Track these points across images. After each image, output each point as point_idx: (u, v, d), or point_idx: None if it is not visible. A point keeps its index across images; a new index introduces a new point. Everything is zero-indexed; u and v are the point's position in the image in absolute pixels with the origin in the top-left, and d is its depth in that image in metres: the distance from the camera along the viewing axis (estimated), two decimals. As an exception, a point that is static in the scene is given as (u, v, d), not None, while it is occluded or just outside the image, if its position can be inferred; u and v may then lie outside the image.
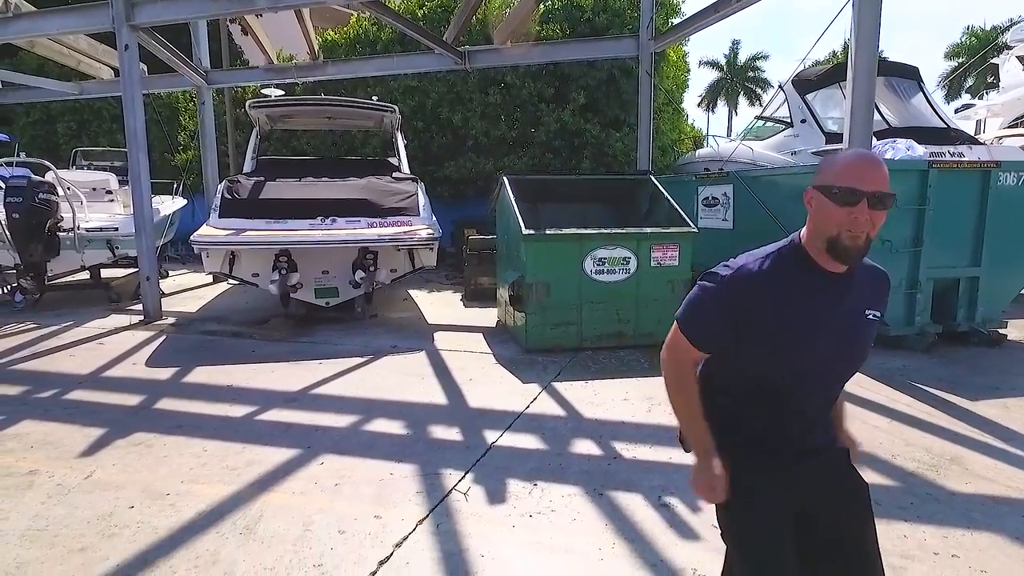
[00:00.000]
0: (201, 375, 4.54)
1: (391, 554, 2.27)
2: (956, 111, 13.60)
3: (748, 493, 1.36)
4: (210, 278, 8.91)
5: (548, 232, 4.96)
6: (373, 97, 8.52)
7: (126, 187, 8.11)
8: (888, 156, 5.25)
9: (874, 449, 3.14)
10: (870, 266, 1.42)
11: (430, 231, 5.75)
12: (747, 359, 1.36)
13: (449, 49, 7.90)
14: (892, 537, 2.35)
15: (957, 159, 5.11)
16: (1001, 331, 5.25)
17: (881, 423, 3.50)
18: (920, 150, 5.37)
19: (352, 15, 11.61)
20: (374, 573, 2.16)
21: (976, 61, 20.44)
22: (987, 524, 2.45)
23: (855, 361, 1.39)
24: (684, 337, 1.39)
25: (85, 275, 7.52)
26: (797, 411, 1.37)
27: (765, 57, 38.16)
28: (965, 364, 4.68)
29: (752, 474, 1.36)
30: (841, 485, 1.43)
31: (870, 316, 1.37)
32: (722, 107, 40.00)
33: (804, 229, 1.35)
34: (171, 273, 9.58)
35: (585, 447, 3.23)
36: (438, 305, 7.25)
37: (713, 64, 38.23)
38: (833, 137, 7.09)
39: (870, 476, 2.85)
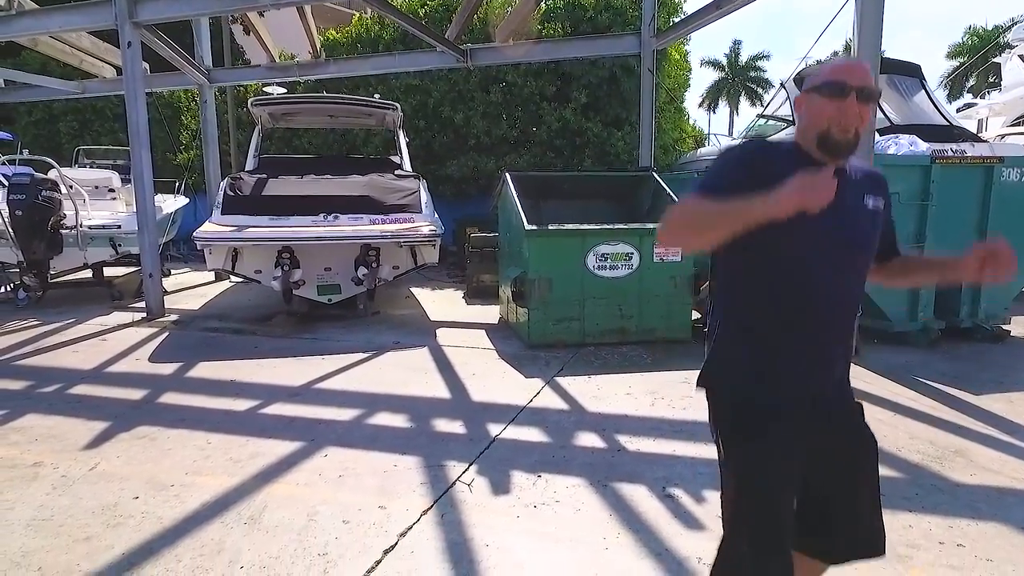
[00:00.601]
0: (204, 370, 4.54)
1: (396, 543, 2.27)
2: (958, 110, 13.60)
3: (760, 429, 1.36)
4: (212, 276, 8.93)
5: (551, 228, 4.96)
6: (375, 95, 8.54)
7: (128, 185, 8.14)
8: (891, 151, 5.25)
9: (879, 441, 3.09)
10: (867, 167, 1.49)
11: (432, 228, 5.75)
12: (758, 249, 1.32)
13: (451, 47, 7.91)
14: (897, 527, 2.35)
15: (960, 155, 5.09)
16: (1005, 327, 5.25)
17: (885, 416, 3.49)
18: (923, 146, 5.36)
19: (354, 15, 11.63)
20: (379, 562, 2.16)
21: (977, 60, 20.44)
22: (993, 514, 2.45)
23: (863, 248, 1.41)
24: (700, 193, 1.33)
25: (87, 273, 7.53)
26: (816, 318, 1.36)
27: (766, 57, 38.23)
28: (969, 360, 4.67)
29: (766, 412, 1.36)
30: (852, 437, 1.46)
31: (870, 204, 1.41)
32: (723, 107, 40.02)
33: (794, 135, 1.43)
34: (173, 272, 9.59)
35: (588, 440, 3.23)
36: (440, 302, 7.25)
37: (714, 64, 38.24)
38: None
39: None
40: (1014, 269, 1.31)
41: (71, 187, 6.97)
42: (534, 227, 4.91)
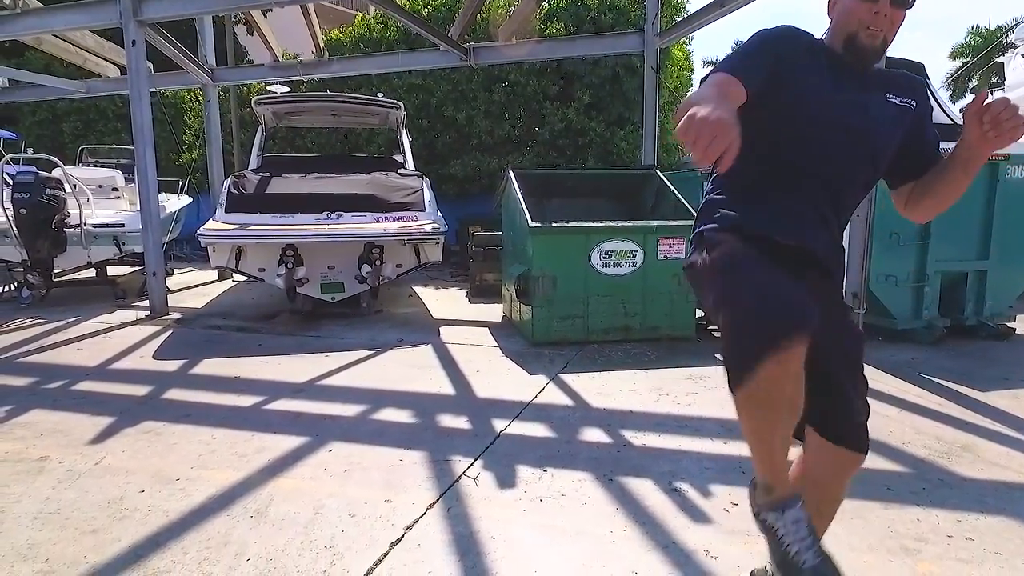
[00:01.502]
0: (208, 367, 4.54)
1: (402, 536, 2.26)
2: (961, 111, 13.56)
3: (743, 247, 1.27)
4: (215, 275, 8.94)
5: (554, 225, 4.96)
6: (378, 94, 8.55)
7: (132, 184, 8.15)
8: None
9: (885, 437, 3.13)
10: (903, 73, 1.47)
11: (435, 226, 5.76)
12: (772, 117, 1.32)
13: (454, 45, 7.92)
14: (905, 521, 2.34)
15: (964, 152, 5.08)
16: (1009, 325, 5.23)
17: (891, 412, 3.48)
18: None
19: (357, 15, 11.65)
20: (386, 554, 2.16)
21: (980, 60, 20.42)
22: (1001, 508, 2.44)
23: (880, 139, 1.38)
24: (732, 79, 1.29)
25: (91, 271, 7.54)
26: (817, 184, 1.34)
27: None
28: (974, 356, 4.66)
29: (750, 243, 1.28)
30: (838, 320, 1.40)
31: (895, 100, 1.38)
32: (725, 108, 39.95)
33: (825, 33, 1.42)
34: (176, 271, 9.60)
35: (594, 435, 3.22)
36: (443, 301, 7.25)
37: (716, 64, 38.24)
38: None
39: (881, 463, 2.85)
40: (1021, 124, 1.23)
41: (75, 186, 6.98)
42: (538, 224, 4.91)
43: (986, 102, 1.27)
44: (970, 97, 23.28)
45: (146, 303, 6.48)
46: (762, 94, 1.32)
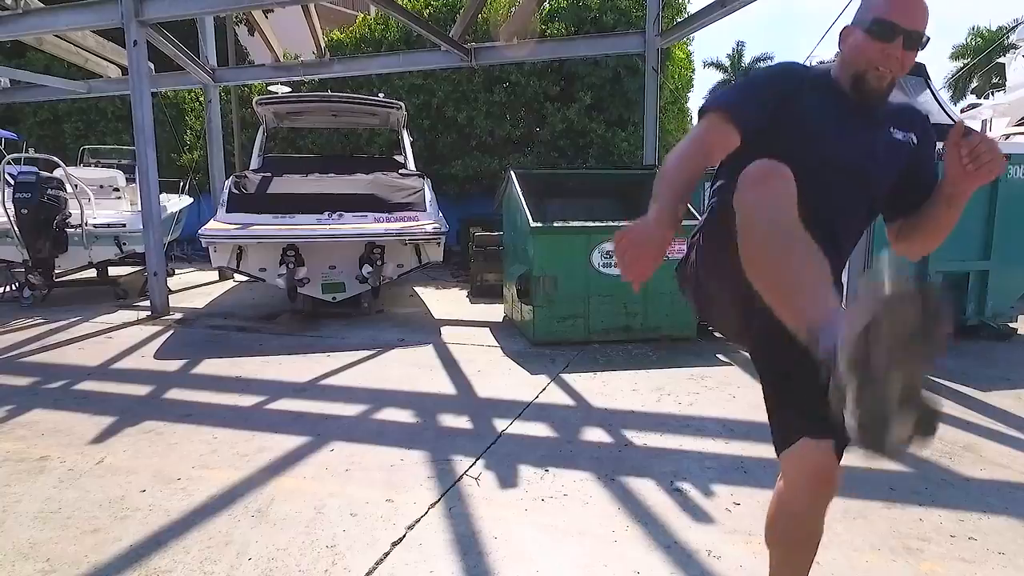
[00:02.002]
0: (209, 367, 4.54)
1: (404, 535, 2.26)
2: (962, 111, 13.57)
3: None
4: (216, 275, 8.94)
5: (556, 225, 4.96)
6: (379, 94, 8.55)
7: (133, 185, 8.16)
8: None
9: (886, 437, 3.12)
10: (906, 103, 1.42)
11: (436, 226, 5.76)
12: (769, 150, 1.27)
13: (455, 46, 7.92)
14: (908, 520, 2.34)
15: (966, 152, 5.08)
16: (1011, 325, 5.23)
17: (893, 413, 3.47)
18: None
19: (358, 16, 11.66)
20: (387, 554, 2.15)
21: (981, 61, 20.42)
22: (1004, 508, 2.43)
23: (880, 178, 1.35)
24: (716, 116, 1.29)
25: (92, 272, 7.54)
26: (815, 223, 1.26)
27: (769, 58, 38.16)
28: (975, 357, 4.65)
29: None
30: None
31: (899, 136, 1.34)
32: (726, 109, 39.97)
33: (834, 65, 1.37)
34: (177, 271, 9.60)
35: (595, 435, 3.22)
36: (444, 301, 7.25)
37: (717, 65, 38.21)
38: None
39: (882, 462, 2.84)
40: (998, 159, 1.23)
41: (76, 186, 6.98)
42: (539, 225, 4.91)
43: (963, 134, 1.25)
44: (971, 98, 23.32)
45: (147, 303, 6.48)
46: (759, 131, 1.30)
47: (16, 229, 6.46)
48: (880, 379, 0.89)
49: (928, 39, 1.26)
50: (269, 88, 9.60)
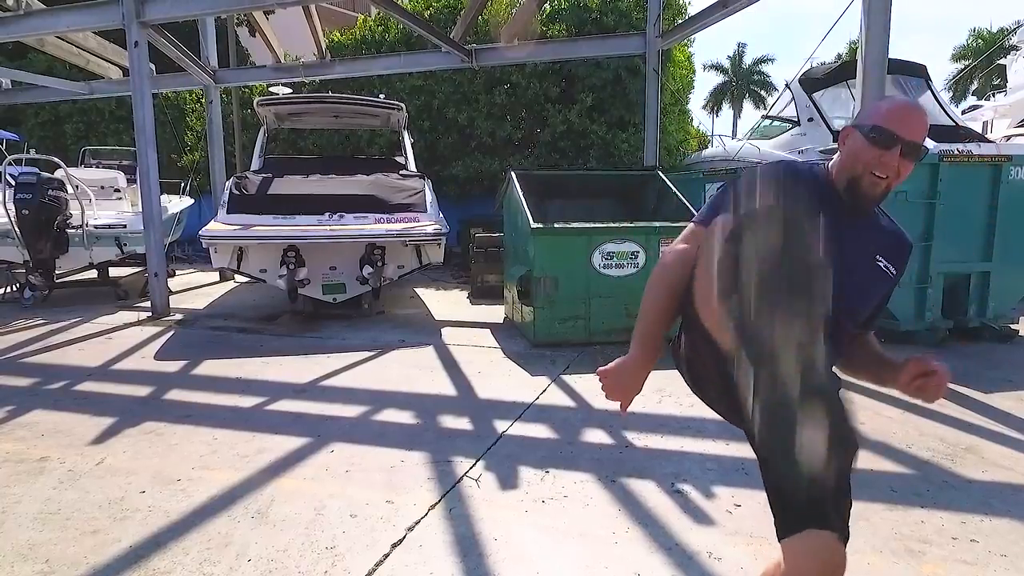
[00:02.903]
0: (210, 368, 4.54)
1: (404, 537, 2.26)
2: (963, 112, 13.57)
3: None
4: (217, 276, 8.94)
5: (556, 226, 4.95)
6: (380, 96, 8.55)
7: (134, 185, 8.16)
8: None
9: (888, 439, 3.12)
10: (898, 229, 1.41)
11: (437, 227, 5.76)
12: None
13: (456, 47, 7.92)
14: (909, 523, 2.33)
15: (967, 153, 5.08)
16: (1013, 327, 5.22)
17: (894, 414, 3.47)
18: (930, 144, 5.34)
19: (359, 17, 11.66)
20: (387, 555, 2.15)
21: (982, 63, 20.42)
22: (1006, 511, 2.42)
23: (858, 301, 1.33)
24: (700, 226, 1.32)
25: (93, 272, 7.54)
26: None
27: (771, 60, 38.24)
28: (977, 358, 4.65)
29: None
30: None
31: (881, 264, 1.34)
32: (727, 110, 40.04)
33: (833, 162, 1.35)
34: (178, 272, 9.60)
35: (596, 436, 3.21)
36: (445, 302, 7.24)
37: (718, 67, 38.25)
38: (841, 135, 7.06)
39: (885, 464, 2.84)
40: (941, 395, 1.30)
41: (77, 187, 6.98)
42: (539, 226, 4.91)
43: (920, 374, 1.30)
44: (971, 99, 23.28)
45: (148, 304, 6.48)
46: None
47: (17, 230, 6.46)
48: (768, 340, 0.91)
49: (927, 151, 1.28)
50: (270, 89, 9.60)
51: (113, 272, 7.79)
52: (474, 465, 2.86)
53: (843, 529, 1.25)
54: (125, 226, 7.17)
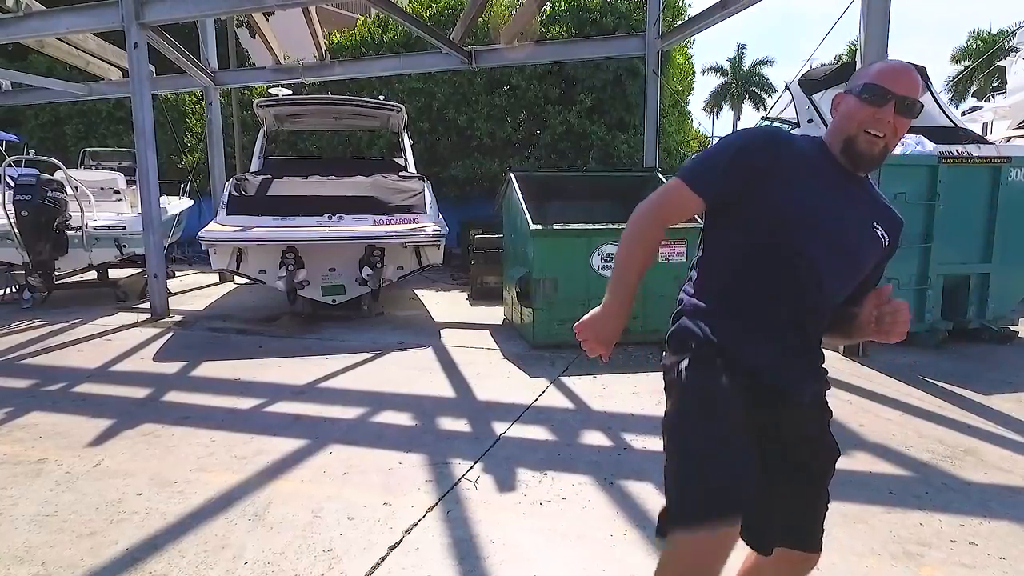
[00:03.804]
0: (208, 369, 4.53)
1: (401, 539, 2.25)
2: (963, 114, 13.56)
3: (710, 391, 1.25)
4: (216, 278, 8.94)
5: (555, 227, 4.95)
6: (380, 97, 8.55)
7: (134, 187, 8.15)
8: (898, 151, 5.23)
9: (887, 441, 3.11)
10: (890, 206, 1.40)
11: (436, 228, 5.75)
12: (745, 226, 1.28)
13: (456, 49, 7.92)
14: (908, 525, 2.32)
15: (967, 155, 5.08)
16: (1012, 328, 5.21)
17: (893, 416, 3.46)
18: (930, 146, 5.34)
19: (359, 19, 11.67)
20: (384, 558, 2.14)
21: (982, 64, 20.42)
22: (1005, 513, 2.42)
23: (854, 267, 1.32)
24: (683, 187, 1.31)
25: (93, 274, 7.54)
26: (789, 305, 1.28)
27: (770, 63, 38.29)
28: (977, 360, 4.64)
29: (719, 377, 1.24)
30: (813, 440, 1.37)
31: (878, 231, 1.33)
32: (727, 112, 40.07)
33: (827, 132, 1.35)
34: (178, 273, 9.60)
35: (595, 438, 3.21)
36: (444, 304, 7.24)
37: (718, 70, 38.30)
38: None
39: (884, 466, 2.84)
40: (903, 332, 1.28)
41: (77, 188, 6.98)
42: (539, 227, 4.90)
43: (884, 300, 1.29)
44: (971, 101, 23.28)
45: (147, 305, 6.47)
46: (727, 204, 1.30)
47: (16, 231, 6.45)
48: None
49: (922, 106, 1.26)
50: (270, 91, 9.60)
51: (112, 273, 7.79)
52: (472, 467, 2.85)
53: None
54: (124, 227, 7.17)
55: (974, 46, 25.46)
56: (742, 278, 1.32)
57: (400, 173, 7.01)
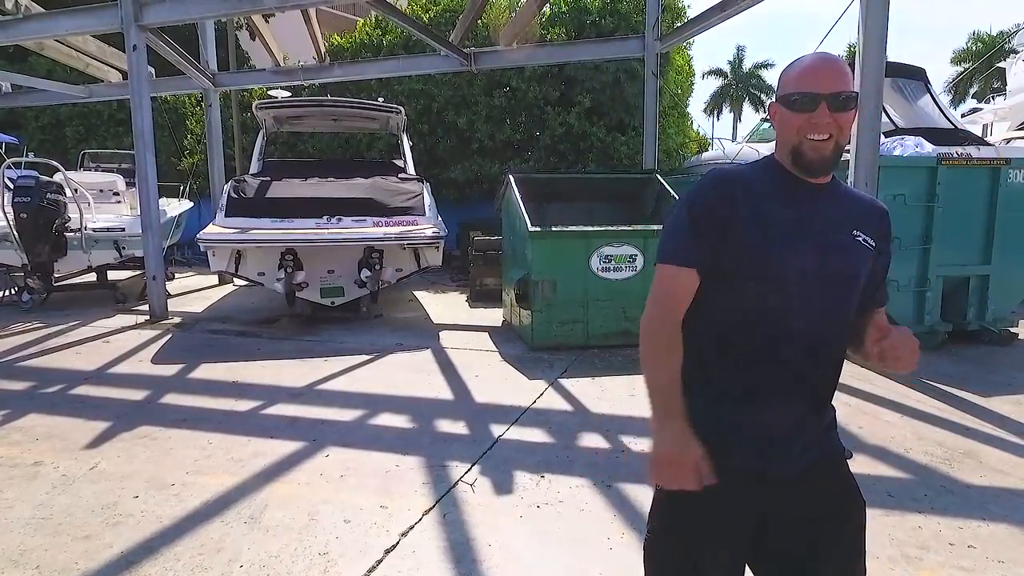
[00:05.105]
0: (206, 372, 4.53)
1: (397, 543, 2.24)
2: (963, 116, 13.56)
3: (685, 518, 1.20)
4: (215, 280, 8.93)
5: (554, 229, 4.94)
6: (379, 99, 8.55)
7: (133, 189, 8.15)
8: (897, 153, 5.23)
9: (886, 443, 3.10)
10: (868, 198, 1.33)
11: (435, 230, 5.75)
12: (728, 281, 1.21)
13: (455, 51, 7.92)
14: (907, 528, 2.32)
15: (966, 157, 5.07)
16: (1012, 330, 5.20)
17: (892, 418, 3.46)
18: (929, 148, 5.34)
19: (358, 21, 11.68)
20: (380, 561, 2.14)
21: (981, 66, 20.42)
22: (1004, 516, 2.41)
23: (843, 287, 1.23)
24: (671, 268, 1.23)
25: (92, 276, 7.53)
26: (784, 357, 1.19)
27: (770, 65, 38.29)
28: (976, 362, 4.63)
29: (716, 464, 1.15)
30: (829, 504, 1.28)
31: (859, 238, 1.24)
32: (727, 114, 40.10)
33: (775, 148, 1.28)
34: (177, 275, 9.60)
35: (592, 440, 3.20)
36: (443, 305, 7.23)
37: (718, 72, 38.33)
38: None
39: (882, 469, 2.83)
40: (912, 363, 1.19)
41: (76, 190, 6.98)
42: (538, 229, 4.90)
43: (882, 338, 1.21)
44: (971, 102, 23.28)
45: (146, 307, 6.47)
46: (711, 262, 1.21)
47: (15, 233, 6.45)
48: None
49: (856, 94, 1.19)
50: (269, 92, 9.60)
51: (111, 275, 7.79)
52: (469, 470, 2.84)
53: None
54: (123, 229, 7.17)
55: (974, 48, 25.45)
56: (723, 339, 1.24)
57: (399, 175, 7.01)
